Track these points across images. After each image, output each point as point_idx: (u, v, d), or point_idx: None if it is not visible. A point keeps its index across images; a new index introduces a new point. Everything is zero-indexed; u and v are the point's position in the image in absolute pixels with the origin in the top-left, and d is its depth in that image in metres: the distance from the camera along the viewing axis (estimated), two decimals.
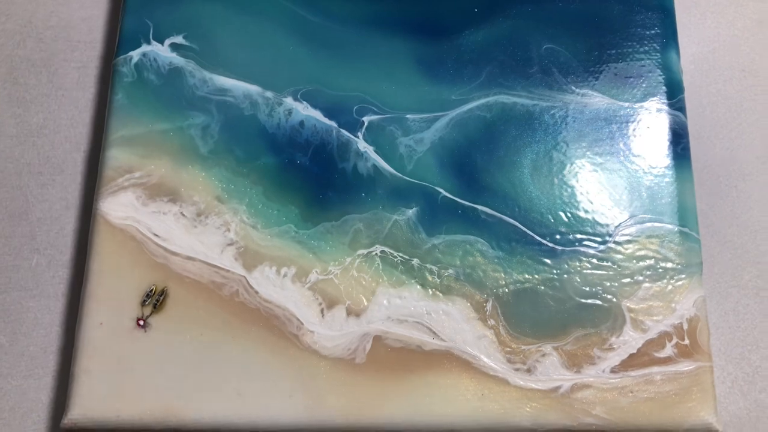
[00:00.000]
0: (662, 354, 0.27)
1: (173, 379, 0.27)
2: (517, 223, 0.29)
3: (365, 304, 0.28)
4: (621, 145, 0.30)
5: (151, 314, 0.28)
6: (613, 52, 0.31)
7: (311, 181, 0.30)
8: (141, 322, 0.28)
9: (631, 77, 0.31)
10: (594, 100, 0.31)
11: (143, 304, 0.28)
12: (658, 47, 0.31)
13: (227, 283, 0.29)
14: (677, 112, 0.31)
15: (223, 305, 0.28)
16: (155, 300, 0.28)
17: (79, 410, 0.27)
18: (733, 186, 0.36)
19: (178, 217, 0.29)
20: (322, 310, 0.28)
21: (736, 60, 0.39)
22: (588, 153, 0.30)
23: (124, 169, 0.30)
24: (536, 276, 0.29)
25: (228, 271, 0.29)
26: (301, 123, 0.30)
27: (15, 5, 0.41)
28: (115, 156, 0.30)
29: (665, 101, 0.31)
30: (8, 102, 0.39)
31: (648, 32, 0.31)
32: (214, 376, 0.27)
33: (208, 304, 0.28)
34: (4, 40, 0.40)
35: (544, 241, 0.29)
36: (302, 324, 0.28)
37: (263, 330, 0.28)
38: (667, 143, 0.30)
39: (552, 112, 0.30)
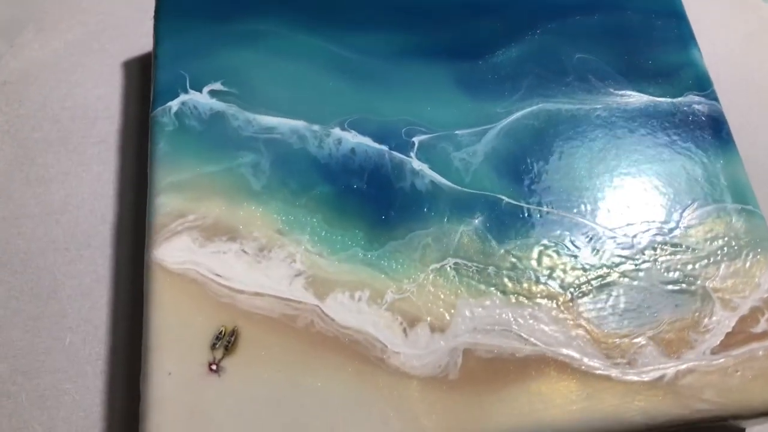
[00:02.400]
0: (758, 329, 0.27)
1: (256, 422, 0.25)
2: (585, 220, 0.29)
3: (447, 318, 0.27)
4: (669, 137, 0.31)
5: (223, 357, 0.26)
6: (641, 55, 0.32)
7: (371, 203, 0.29)
8: (213, 367, 0.26)
9: (661, 76, 0.32)
10: (634, 99, 0.31)
11: (213, 347, 0.26)
12: (680, 47, 0.33)
13: (300, 314, 0.27)
14: (713, 102, 0.32)
15: (299, 337, 0.27)
16: (226, 341, 0.26)
17: None
18: None
19: (239, 255, 0.28)
20: (404, 330, 0.27)
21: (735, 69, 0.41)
22: (639, 147, 0.31)
23: (175, 214, 0.29)
24: (616, 269, 0.28)
25: (300, 302, 0.27)
26: (352, 150, 0.30)
27: (28, 91, 0.41)
28: (165, 202, 0.29)
29: (699, 93, 0.32)
30: (27, 183, 0.38)
31: (668, 35, 0.33)
32: (299, 414, 0.25)
33: (282, 338, 0.27)
34: (20, 125, 0.40)
35: (615, 234, 0.29)
36: (386, 347, 0.27)
37: (346, 358, 0.26)
38: (711, 130, 0.31)
39: (597, 113, 0.31)
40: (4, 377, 0.33)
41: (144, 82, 0.41)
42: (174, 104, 0.31)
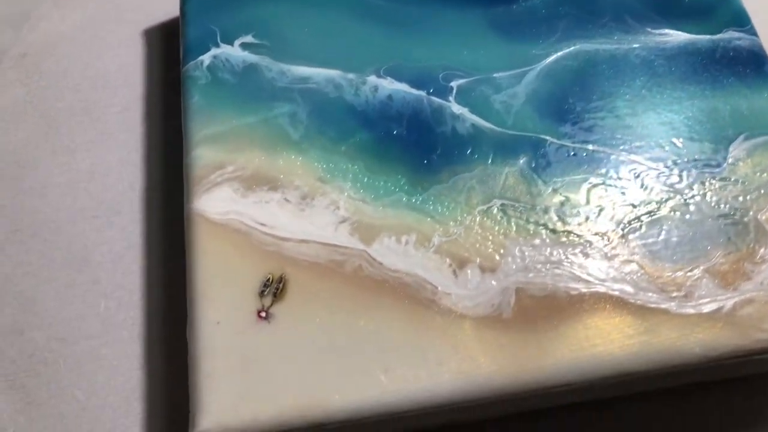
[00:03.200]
0: None
1: (309, 368, 0.25)
2: (633, 157, 0.28)
3: (497, 258, 0.27)
4: (710, 73, 0.30)
5: (272, 304, 0.26)
6: None
7: (412, 148, 0.29)
8: (263, 314, 0.26)
9: (698, 14, 0.32)
10: (672, 37, 0.31)
11: (262, 294, 0.26)
12: None
13: (348, 259, 0.27)
14: (753, 37, 0.31)
15: (347, 282, 0.26)
16: (274, 288, 0.26)
17: (210, 419, 0.24)
18: None
19: (282, 204, 0.28)
20: (454, 271, 0.26)
21: None
22: (680, 84, 0.30)
23: (214, 166, 0.28)
24: (665, 204, 0.28)
25: (346, 247, 0.27)
26: (389, 97, 0.30)
27: (46, 64, 0.40)
28: (202, 155, 0.28)
29: (738, 29, 0.31)
30: (52, 153, 0.37)
31: None
32: (352, 358, 0.25)
33: (331, 283, 0.26)
34: (41, 97, 0.39)
35: (663, 170, 0.28)
36: (437, 288, 0.26)
37: (396, 300, 0.26)
38: (753, 65, 0.30)
39: (636, 53, 0.31)
40: (40, 344, 0.33)
41: (165, 50, 0.40)
42: (206, 58, 0.31)
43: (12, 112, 0.39)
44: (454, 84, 0.30)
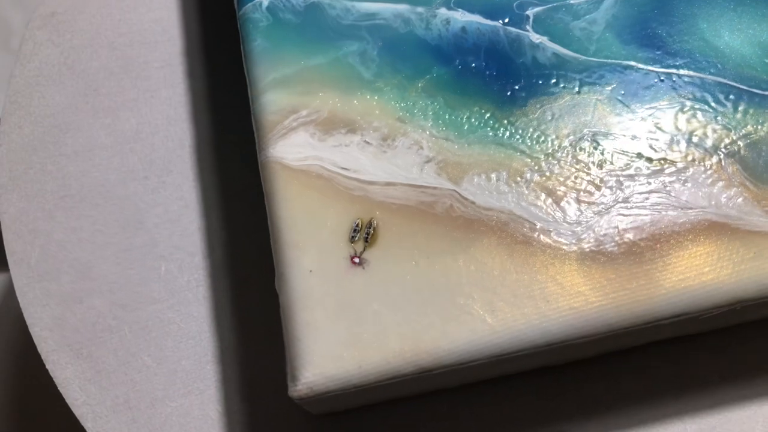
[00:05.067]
0: None
1: (410, 312, 0.24)
2: (723, 80, 0.27)
3: (595, 190, 0.25)
4: None
5: (364, 249, 0.25)
6: None
7: (493, 81, 0.27)
8: (356, 259, 0.24)
9: None
10: None
11: (352, 240, 0.25)
12: None
13: (438, 199, 0.25)
14: None
15: (440, 223, 0.25)
16: (365, 233, 0.25)
17: (313, 370, 0.23)
18: None
19: (362, 147, 0.26)
20: (550, 206, 0.25)
21: None
22: (767, 2, 0.29)
23: (287, 110, 0.27)
24: (764, 125, 0.26)
25: (435, 188, 0.26)
26: (463, 29, 0.28)
27: (78, 21, 0.38)
28: (273, 100, 0.27)
29: None
30: (94, 114, 0.36)
31: None
32: (455, 299, 0.24)
33: (423, 225, 0.25)
34: (75, 56, 0.37)
35: (758, 91, 0.27)
36: (535, 225, 0.25)
37: (494, 239, 0.25)
38: None
39: None
40: (102, 312, 0.32)
41: (200, 2, 0.39)
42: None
43: (47, 75, 0.37)
44: (530, 12, 0.28)
